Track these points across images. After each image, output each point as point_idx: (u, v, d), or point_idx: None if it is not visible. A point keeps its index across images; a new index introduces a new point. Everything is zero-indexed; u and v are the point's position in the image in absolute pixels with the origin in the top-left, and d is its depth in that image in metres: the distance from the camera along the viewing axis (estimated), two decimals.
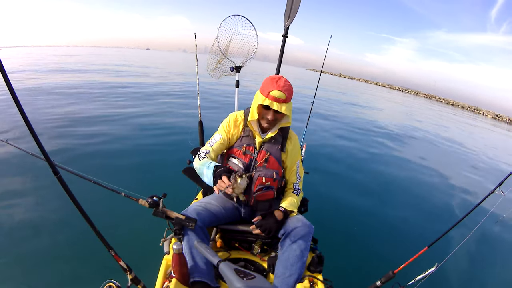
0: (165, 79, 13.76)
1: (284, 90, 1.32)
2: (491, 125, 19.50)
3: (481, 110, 38.27)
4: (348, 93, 22.02)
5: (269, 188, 1.45)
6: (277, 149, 1.47)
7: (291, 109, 1.39)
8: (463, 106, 41.80)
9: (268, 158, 1.44)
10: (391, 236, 3.02)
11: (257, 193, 1.43)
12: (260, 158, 1.44)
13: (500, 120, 31.11)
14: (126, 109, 6.37)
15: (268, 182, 1.43)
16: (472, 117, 26.97)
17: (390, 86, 58.72)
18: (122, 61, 24.97)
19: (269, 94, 1.32)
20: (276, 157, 1.46)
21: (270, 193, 1.46)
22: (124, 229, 2.32)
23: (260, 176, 1.42)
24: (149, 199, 1.34)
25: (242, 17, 2.19)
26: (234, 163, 1.45)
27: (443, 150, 7.99)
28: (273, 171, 1.44)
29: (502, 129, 20.31)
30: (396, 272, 1.44)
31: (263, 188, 1.43)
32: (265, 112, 1.38)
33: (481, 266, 2.84)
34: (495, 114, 34.85)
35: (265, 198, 1.46)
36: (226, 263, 0.90)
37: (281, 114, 1.38)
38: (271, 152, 1.45)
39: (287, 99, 1.33)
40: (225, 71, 2.36)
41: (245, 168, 1.43)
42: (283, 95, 1.31)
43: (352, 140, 6.72)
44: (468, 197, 4.66)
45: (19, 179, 2.99)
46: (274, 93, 1.31)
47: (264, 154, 1.44)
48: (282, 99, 1.32)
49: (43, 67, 14.39)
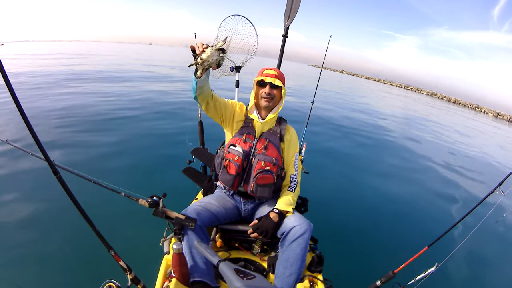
0: (165, 78, 13.76)
1: (275, 70, 1.53)
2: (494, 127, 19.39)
3: (482, 108, 38.23)
4: (354, 93, 21.94)
5: (269, 172, 1.46)
6: (276, 138, 1.54)
7: (282, 93, 1.54)
8: (465, 104, 41.70)
9: (268, 145, 1.49)
10: (391, 236, 3.02)
11: (257, 175, 1.45)
12: (259, 146, 1.49)
13: (501, 118, 31.16)
14: (128, 110, 6.37)
15: (267, 166, 1.45)
16: (474, 115, 26.99)
17: (392, 83, 58.64)
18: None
19: (263, 73, 1.51)
20: (275, 144, 1.51)
21: (270, 177, 1.47)
22: (124, 229, 2.32)
23: (260, 160, 1.45)
24: (149, 199, 1.34)
25: (242, 17, 2.19)
26: (234, 149, 1.49)
27: (443, 151, 7.98)
28: (273, 157, 1.47)
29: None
30: (396, 272, 1.44)
31: (263, 172, 1.45)
32: (261, 90, 1.51)
33: (481, 266, 2.84)
34: (496, 113, 34.87)
35: (265, 182, 1.47)
36: (226, 263, 0.90)
37: (276, 89, 1.51)
38: (270, 140, 1.51)
39: (278, 76, 1.50)
40: (225, 71, 2.35)
41: (245, 155, 1.48)
42: (274, 72, 1.50)
43: (353, 140, 6.72)
44: (468, 197, 4.66)
45: (19, 179, 2.99)
46: (267, 71, 1.51)
47: (264, 142, 1.50)
48: (274, 75, 1.49)
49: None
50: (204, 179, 1.87)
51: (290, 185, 1.53)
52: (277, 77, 1.49)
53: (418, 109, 19.42)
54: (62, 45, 43.31)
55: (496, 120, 26.74)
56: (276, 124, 1.59)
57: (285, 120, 1.64)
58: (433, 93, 50.66)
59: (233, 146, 1.50)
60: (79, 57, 22.13)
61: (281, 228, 1.39)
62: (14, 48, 30.74)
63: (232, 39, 2.26)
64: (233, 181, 1.49)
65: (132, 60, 22.48)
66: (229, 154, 1.49)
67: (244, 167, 1.49)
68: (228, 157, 1.49)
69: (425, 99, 33.49)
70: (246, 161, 1.48)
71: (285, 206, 1.43)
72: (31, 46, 40.21)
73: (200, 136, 2.33)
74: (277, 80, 1.48)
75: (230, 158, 1.48)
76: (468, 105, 40.75)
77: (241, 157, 1.46)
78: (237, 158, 1.46)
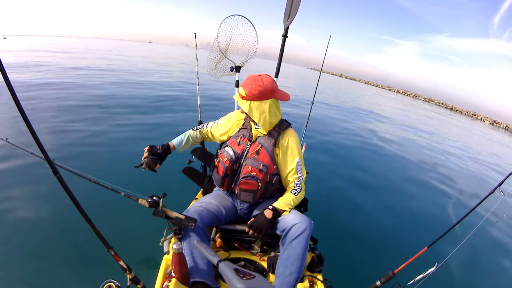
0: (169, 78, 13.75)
1: (246, 87, 1.39)
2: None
3: (479, 116, 38.42)
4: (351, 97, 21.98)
5: (254, 178, 1.44)
6: (271, 143, 1.48)
7: (260, 107, 1.41)
8: (462, 111, 41.91)
9: (260, 150, 1.47)
10: (391, 236, 3.02)
11: (241, 180, 1.46)
12: (252, 150, 1.48)
13: (497, 126, 31.34)
14: (132, 113, 6.35)
15: (253, 172, 1.44)
16: (470, 122, 27.04)
17: (389, 88, 58.82)
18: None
19: (239, 89, 1.44)
20: (268, 150, 1.47)
21: (253, 183, 1.45)
22: (124, 229, 2.32)
23: (247, 165, 1.45)
24: (149, 199, 1.34)
25: (242, 17, 2.19)
26: (226, 151, 1.50)
27: (444, 150, 7.99)
28: (261, 163, 1.45)
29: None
30: (396, 272, 1.44)
31: (248, 177, 1.45)
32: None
33: (481, 266, 2.84)
34: (492, 120, 35.07)
35: (247, 187, 1.46)
36: (226, 263, 0.90)
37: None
38: (263, 145, 1.48)
39: (246, 96, 1.39)
40: (225, 71, 2.36)
41: (235, 158, 1.48)
42: (243, 91, 1.40)
43: (353, 140, 6.72)
44: (468, 197, 4.66)
45: (19, 179, 2.98)
46: (240, 89, 1.43)
47: (256, 146, 1.47)
48: (242, 95, 1.41)
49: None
50: (204, 179, 1.87)
51: (293, 188, 1.51)
52: (245, 98, 1.40)
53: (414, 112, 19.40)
54: (73, 40, 42.84)
55: (493, 128, 26.82)
56: (275, 127, 1.51)
57: (288, 123, 1.55)
58: (431, 99, 50.88)
59: (227, 147, 1.52)
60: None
61: (281, 226, 1.38)
62: (30, 41, 29.95)
63: (232, 39, 2.26)
64: (221, 182, 1.52)
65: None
66: (221, 154, 1.52)
67: (234, 169, 1.50)
68: (219, 158, 1.51)
69: (423, 105, 33.47)
70: (237, 163, 1.48)
71: (282, 204, 1.43)
72: (44, 40, 39.69)
73: None
74: (245, 104, 1.40)
75: (220, 158, 1.51)
76: (465, 112, 40.94)
77: (229, 159, 1.47)
78: (226, 160, 1.48)
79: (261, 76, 1.41)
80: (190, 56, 20.55)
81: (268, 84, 1.38)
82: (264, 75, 1.42)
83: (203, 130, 1.72)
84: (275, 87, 1.42)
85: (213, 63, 2.36)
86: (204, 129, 1.72)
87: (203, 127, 1.72)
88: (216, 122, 1.69)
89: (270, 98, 1.41)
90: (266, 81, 1.39)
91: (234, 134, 1.57)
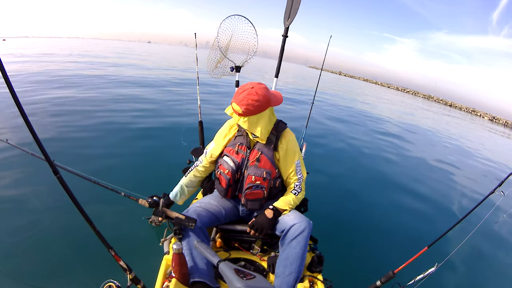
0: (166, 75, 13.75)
1: (242, 104, 1.30)
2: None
3: (478, 112, 38.44)
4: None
5: (258, 187, 1.44)
6: (270, 148, 1.45)
7: (259, 120, 1.36)
8: (461, 107, 41.97)
9: (260, 157, 1.44)
10: (391, 236, 3.02)
11: (246, 191, 1.45)
12: (252, 157, 1.45)
13: (496, 122, 31.35)
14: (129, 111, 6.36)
15: (258, 181, 1.43)
16: (470, 118, 27.08)
17: (389, 86, 58.91)
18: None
19: (232, 105, 1.35)
20: (268, 156, 1.45)
21: (260, 192, 1.45)
22: (124, 229, 2.32)
23: (250, 175, 1.43)
24: (149, 199, 1.34)
25: (242, 17, 2.19)
26: (226, 162, 1.47)
27: (444, 151, 7.99)
28: (264, 170, 1.43)
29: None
30: (396, 272, 1.44)
31: (252, 187, 1.44)
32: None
33: (481, 266, 2.84)
34: (492, 116, 35.10)
35: (254, 197, 1.46)
36: (226, 263, 0.90)
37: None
38: (263, 151, 1.45)
39: (243, 113, 1.32)
40: (225, 71, 2.36)
41: (236, 168, 1.45)
42: (239, 109, 1.32)
43: (354, 140, 6.71)
44: (468, 197, 4.66)
45: (19, 179, 2.98)
46: (233, 105, 1.34)
47: (256, 153, 1.45)
48: (238, 113, 1.33)
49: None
50: (204, 179, 1.87)
51: (294, 189, 1.51)
52: (242, 115, 1.32)
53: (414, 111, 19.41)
54: (79, 42, 42.58)
55: (492, 124, 26.85)
56: (272, 131, 1.47)
57: (284, 124, 1.52)
58: (430, 96, 50.97)
59: (226, 157, 1.48)
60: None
61: (280, 226, 1.39)
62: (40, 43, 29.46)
63: (232, 39, 2.26)
64: (225, 192, 1.51)
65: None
66: (221, 166, 1.48)
67: (236, 178, 1.48)
68: (220, 169, 1.49)
69: (423, 102, 33.50)
70: (238, 172, 1.46)
71: (283, 204, 1.43)
72: (51, 42, 39.32)
73: (200, 136, 2.33)
74: (242, 120, 1.34)
75: (221, 170, 1.48)
76: (464, 109, 40.97)
77: (230, 170, 1.45)
78: (227, 171, 1.45)
79: (254, 88, 1.32)
80: (190, 56, 20.37)
81: (264, 96, 1.32)
82: (256, 86, 1.34)
83: (199, 168, 1.58)
84: (269, 95, 1.36)
85: (213, 63, 2.36)
86: (201, 164, 1.58)
87: (197, 166, 1.59)
88: (211, 149, 1.56)
89: (267, 108, 1.37)
90: (260, 92, 1.31)
91: (230, 142, 1.52)
